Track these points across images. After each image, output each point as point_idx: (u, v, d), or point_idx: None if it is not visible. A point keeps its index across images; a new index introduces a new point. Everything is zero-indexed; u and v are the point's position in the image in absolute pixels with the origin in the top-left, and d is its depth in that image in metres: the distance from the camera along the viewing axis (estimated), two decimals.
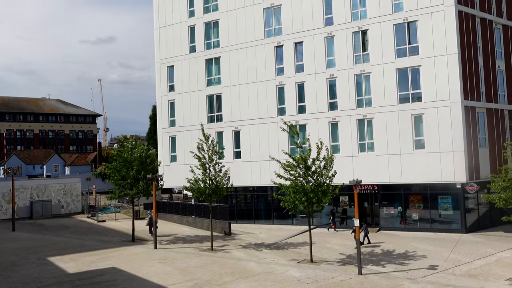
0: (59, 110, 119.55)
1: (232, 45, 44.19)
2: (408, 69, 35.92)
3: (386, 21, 36.77)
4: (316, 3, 39.81)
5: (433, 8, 34.88)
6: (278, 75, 41.74)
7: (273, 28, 42.26)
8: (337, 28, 38.83)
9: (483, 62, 36.81)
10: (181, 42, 47.36)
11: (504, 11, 39.88)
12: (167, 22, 48.45)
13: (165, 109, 48.54)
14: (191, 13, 46.90)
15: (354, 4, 38.35)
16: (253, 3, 43.10)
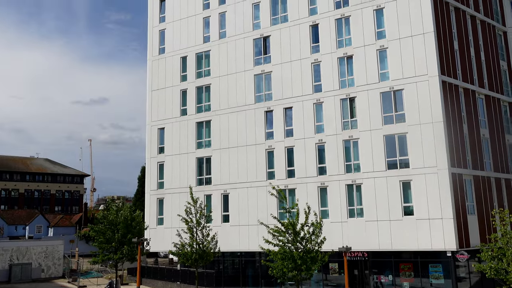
0: (47, 170, 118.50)
1: (223, 109, 44.95)
2: (395, 136, 36.55)
3: (373, 89, 37.88)
4: (305, 70, 41.09)
5: (417, 78, 36.14)
6: (267, 139, 42.19)
7: (263, 94, 43.24)
8: (326, 95, 39.87)
9: (467, 130, 37.67)
10: (172, 105, 48.11)
11: (486, 81, 41.42)
12: (160, 85, 49.46)
13: (154, 171, 48.35)
14: (184, 77, 48.04)
15: (342, 72, 39.64)
16: (244, 69, 44.37)
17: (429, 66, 35.77)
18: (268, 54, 43.51)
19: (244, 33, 44.98)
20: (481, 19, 42.67)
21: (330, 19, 40.60)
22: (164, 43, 50.13)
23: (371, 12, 38.82)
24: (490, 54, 42.82)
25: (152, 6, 51.64)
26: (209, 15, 47.56)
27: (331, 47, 40.18)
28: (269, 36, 43.63)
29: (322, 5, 41.17)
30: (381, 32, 38.38)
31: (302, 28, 41.81)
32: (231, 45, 45.56)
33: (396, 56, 37.22)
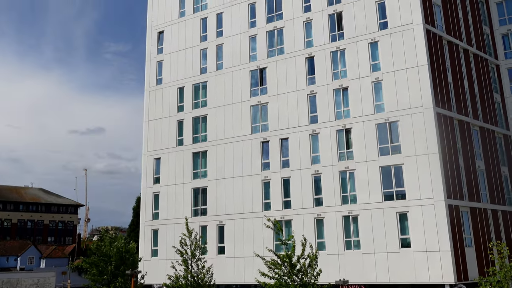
0: (41, 199, 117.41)
1: (219, 140, 45.04)
2: (391, 167, 36.58)
3: (369, 121, 38.14)
4: (301, 101, 41.43)
5: (412, 109, 36.47)
6: (264, 170, 42.12)
7: (260, 124, 43.44)
8: (322, 126, 40.07)
9: (463, 162, 37.77)
10: (169, 135, 48.19)
11: (480, 113, 41.83)
12: (156, 115, 49.66)
13: (149, 202, 47.97)
14: (181, 108, 48.31)
15: (337, 104, 39.99)
16: (240, 100, 44.71)
17: (423, 98, 36.15)
18: (264, 85, 43.96)
19: (241, 64, 45.55)
20: (473, 53, 43.45)
21: (325, 51, 41.24)
22: (161, 74, 50.65)
23: (365, 45, 39.49)
24: (484, 86, 43.41)
25: (150, 38, 52.40)
26: (206, 47, 48.25)
27: (327, 79, 40.66)
28: (265, 68, 44.18)
29: (318, 38, 41.90)
30: (376, 64, 38.95)
31: (298, 60, 42.41)
32: (228, 76, 46.06)
33: (391, 88, 37.66)
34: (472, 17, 44.90)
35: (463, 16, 43.79)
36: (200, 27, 49.14)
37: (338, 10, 41.46)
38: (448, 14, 41.60)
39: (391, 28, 38.65)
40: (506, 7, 47.75)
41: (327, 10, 42.00)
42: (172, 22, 51.15)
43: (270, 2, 45.46)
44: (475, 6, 45.96)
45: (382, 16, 39.44)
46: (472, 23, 44.70)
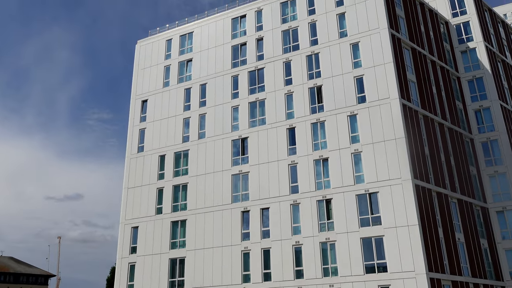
0: (9, 269, 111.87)
1: (199, 209, 44.48)
2: (372, 239, 36.35)
3: (349, 192, 38.37)
4: (282, 172, 41.68)
5: (392, 181, 36.95)
6: (243, 240, 41.38)
7: (241, 194, 43.24)
8: (302, 196, 40.10)
9: (443, 234, 37.81)
10: (148, 203, 47.45)
11: (457, 186, 42.55)
12: (136, 183, 49.16)
13: (124, 273, 46.17)
14: (161, 176, 48.03)
15: (318, 174, 40.34)
16: (222, 169, 44.78)
17: (402, 170, 36.78)
18: (246, 155, 44.32)
19: (223, 134, 46.14)
20: (448, 127, 44.99)
21: (306, 123, 42.22)
22: (143, 141, 50.81)
23: (345, 117, 40.64)
24: (460, 159, 44.53)
25: (134, 106, 53.09)
26: (189, 116, 48.98)
27: (307, 150, 41.29)
28: (247, 138, 44.78)
29: (299, 110, 43.03)
30: (355, 136, 39.87)
31: (280, 131, 43.21)
32: (209, 145, 46.43)
33: (370, 159, 38.33)
34: (445, 93, 46.98)
35: (437, 92, 45.79)
36: (183, 97, 50.18)
37: (318, 84, 43.02)
38: (422, 90, 43.49)
39: (369, 102, 40.06)
40: (476, 84, 50.22)
41: (308, 83, 43.55)
42: (156, 92, 52.17)
43: (253, 74, 47.04)
44: (447, 82, 48.26)
45: (360, 90, 40.99)
46: (446, 99, 46.70)
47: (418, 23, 47.64)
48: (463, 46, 51.97)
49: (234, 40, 49.75)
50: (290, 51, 45.95)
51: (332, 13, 45.09)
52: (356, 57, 42.35)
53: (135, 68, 55.00)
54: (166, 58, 53.40)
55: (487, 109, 48.89)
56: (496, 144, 47.29)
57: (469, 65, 51.18)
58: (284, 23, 47.45)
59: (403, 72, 41.46)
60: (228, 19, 51.14)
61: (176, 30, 54.18)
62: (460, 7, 53.50)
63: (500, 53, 54.45)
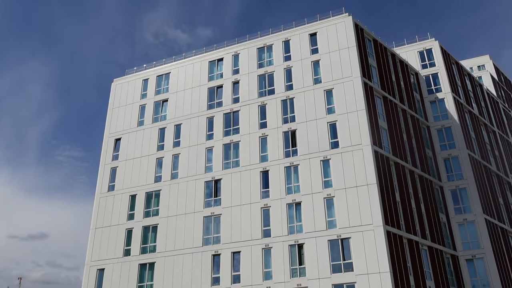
0: None
1: (169, 251, 43.35)
2: (344, 285, 35.92)
3: (321, 237, 38.17)
4: (255, 215, 41.31)
5: (363, 227, 37.01)
6: (213, 285, 40.28)
7: (212, 236, 42.47)
8: (274, 240, 39.65)
9: (414, 282, 37.69)
10: (116, 244, 46.01)
11: (428, 233, 42.90)
12: (104, 223, 47.79)
13: None
14: (131, 216, 46.90)
15: (290, 218, 40.11)
16: (193, 210, 44.10)
17: (373, 216, 36.96)
18: (218, 196, 43.89)
19: (196, 175, 45.76)
20: (419, 174, 45.82)
21: (280, 166, 42.36)
22: (114, 180, 49.86)
23: (318, 162, 40.99)
24: (430, 207, 45.13)
25: (107, 144, 52.39)
26: (162, 156, 48.56)
27: (281, 193, 41.21)
28: (220, 179, 44.50)
29: (273, 153, 43.25)
30: (327, 181, 40.11)
31: (253, 173, 43.15)
32: (182, 186, 45.86)
33: (343, 205, 38.46)
34: (416, 141, 48.15)
35: (408, 140, 46.90)
36: (158, 137, 49.90)
37: (293, 128, 43.54)
38: (394, 137, 44.48)
39: (342, 147, 40.64)
40: (445, 133, 51.74)
41: (282, 127, 44.03)
42: (130, 130, 51.77)
43: (228, 116, 47.34)
44: (418, 131, 49.57)
45: (333, 136, 41.63)
46: (416, 147, 47.80)
47: (390, 73, 49.33)
48: (432, 96, 53.85)
49: (210, 82, 50.31)
50: (266, 95, 46.67)
51: (307, 60, 46.34)
52: (330, 103, 43.27)
53: (110, 106, 54.70)
54: (142, 98, 53.40)
55: (455, 158, 50.17)
56: (464, 192, 48.26)
57: (438, 114, 52.87)
58: (260, 68, 48.42)
59: (375, 119, 42.46)
60: (205, 61, 51.87)
61: (153, 70, 54.53)
62: (429, 59, 55.81)
63: (467, 104, 56.56)
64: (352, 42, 45.09)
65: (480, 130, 56.95)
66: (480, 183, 49.63)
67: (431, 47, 56.18)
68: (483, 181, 50.84)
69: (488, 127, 60.12)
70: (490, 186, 52.03)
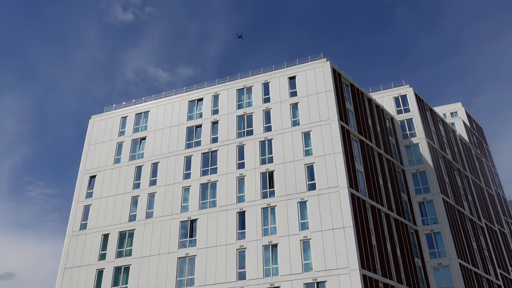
0: None
1: None
2: None
3: (297, 280, 37.61)
4: (230, 256, 40.60)
5: (339, 270, 36.70)
6: None
7: (186, 278, 41.42)
8: (250, 283, 38.88)
9: None
10: (85, 285, 44.35)
11: (403, 277, 42.75)
12: (75, 263, 46.21)
13: None
14: (102, 256, 45.55)
15: (266, 260, 39.55)
16: (168, 251, 43.15)
17: (350, 260, 36.77)
18: (194, 237, 43.16)
19: (172, 214, 45.08)
20: (394, 218, 46.12)
21: (257, 207, 42.14)
22: (87, 218, 48.66)
23: (295, 204, 40.96)
24: (405, 250, 45.20)
25: (81, 181, 51.43)
26: (138, 195, 47.83)
27: (257, 235, 40.79)
28: (196, 220, 43.90)
29: (250, 194, 43.08)
30: (304, 223, 39.99)
31: (230, 214, 42.76)
32: (157, 226, 45.02)
33: (319, 247, 38.22)
34: (391, 185, 48.72)
35: (383, 183, 47.44)
36: (134, 175, 49.30)
37: (270, 169, 43.68)
38: (370, 180, 44.97)
39: (319, 189, 40.82)
40: (420, 178, 52.59)
41: (260, 168, 44.12)
42: (106, 168, 51.09)
43: (206, 156, 47.29)
44: (393, 174, 50.28)
45: (310, 178, 41.86)
46: (392, 190, 48.33)
47: (366, 117, 50.42)
48: (407, 141, 55.05)
49: (189, 121, 50.48)
50: (244, 135, 46.98)
51: (286, 102, 47.13)
52: (308, 145, 43.75)
53: (86, 143, 54.11)
54: (120, 135, 53.07)
55: (430, 202, 50.82)
56: (439, 237, 48.63)
57: (413, 159, 53.90)
58: (240, 109, 48.94)
59: (351, 162, 42.98)
60: (185, 101, 52.22)
61: (132, 108, 54.52)
62: (404, 105, 57.40)
63: (441, 149, 57.92)
64: (330, 86, 46.19)
65: (453, 175, 58.11)
66: (454, 227, 50.17)
67: (406, 93, 57.91)
68: (457, 225, 51.42)
69: (462, 172, 61.41)
70: (464, 231, 52.61)
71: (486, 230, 59.03)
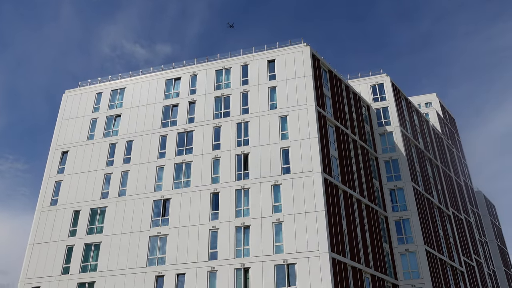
0: None
1: (110, 271, 41.85)
2: None
3: (268, 261, 38.12)
4: (202, 237, 40.77)
5: (310, 253, 37.33)
6: None
7: (157, 257, 41.47)
8: (221, 263, 39.20)
9: None
10: (54, 261, 43.94)
11: (371, 261, 43.81)
12: (44, 238, 45.63)
13: None
14: (73, 232, 45.10)
15: (238, 241, 39.87)
16: (139, 229, 43.01)
17: (320, 243, 37.39)
18: (166, 216, 43.10)
19: (145, 193, 44.83)
20: (365, 203, 47.00)
21: (231, 189, 42.27)
22: (58, 194, 47.94)
23: (269, 187, 41.26)
24: (374, 235, 46.23)
25: (53, 156, 50.51)
26: (111, 172, 47.31)
27: (230, 216, 41.01)
28: (169, 199, 43.80)
29: (224, 176, 43.14)
30: (277, 206, 40.37)
31: (203, 194, 42.79)
32: (129, 204, 44.74)
33: (291, 230, 38.71)
34: (364, 171, 49.52)
35: (357, 170, 48.17)
36: (107, 152, 48.68)
37: (246, 151, 43.77)
38: (343, 166, 45.57)
39: (293, 173, 41.17)
40: (392, 165, 53.59)
41: (235, 150, 44.15)
42: (79, 144, 50.27)
43: (182, 136, 47.00)
44: (367, 161, 51.07)
45: (285, 161, 42.16)
46: (364, 177, 49.14)
47: (343, 104, 50.84)
48: (381, 129, 55.85)
49: (166, 100, 49.96)
50: (221, 117, 46.81)
51: (264, 85, 47.06)
52: (284, 129, 43.94)
53: (59, 118, 53.03)
54: (94, 111, 52.18)
55: (400, 189, 51.93)
56: (408, 223, 49.85)
57: (387, 147, 54.80)
58: (218, 90, 48.66)
59: (326, 148, 43.42)
60: (162, 79, 51.59)
61: (108, 84, 53.56)
62: (380, 94, 58.06)
63: (414, 138, 59.00)
64: (309, 72, 46.30)
65: (425, 164, 59.40)
66: (422, 215, 51.49)
67: (383, 82, 58.54)
68: (426, 213, 52.78)
69: (433, 161, 62.81)
70: (432, 218, 54.07)
71: (453, 219, 60.80)
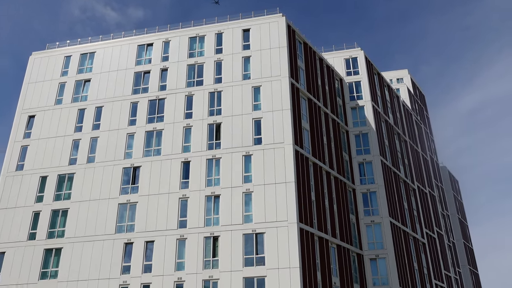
0: None
1: (78, 237, 41.63)
2: (255, 279, 36.67)
3: (236, 230, 38.62)
4: (172, 205, 40.85)
5: (278, 223, 37.98)
6: (123, 273, 39.31)
7: (126, 224, 41.40)
8: (190, 231, 39.49)
9: (321, 277, 39.38)
10: (20, 227, 43.32)
11: (338, 232, 44.96)
12: (9, 204, 44.79)
13: None
14: (39, 198, 44.41)
15: (208, 210, 40.13)
16: (108, 196, 42.70)
17: (289, 213, 38.06)
18: (136, 184, 42.86)
19: (115, 160, 44.32)
20: (334, 176, 47.84)
21: (202, 158, 42.23)
22: (24, 159, 46.88)
23: (240, 157, 41.39)
24: (342, 207, 47.32)
25: (18, 120, 49.08)
26: (79, 138, 46.44)
27: (200, 185, 41.11)
28: (139, 167, 43.46)
29: (196, 144, 42.99)
30: (248, 176, 40.65)
31: (174, 163, 42.63)
32: (98, 171, 44.20)
33: (260, 200, 39.19)
34: (334, 144, 50.19)
35: (327, 142, 48.77)
36: (76, 117, 47.62)
37: (218, 121, 43.57)
38: (314, 139, 46.04)
39: (265, 144, 41.37)
40: (362, 139, 54.48)
41: (207, 119, 43.91)
42: (47, 108, 48.95)
43: (153, 103, 46.33)
44: (337, 134, 51.71)
45: (257, 132, 42.25)
46: (335, 149, 49.85)
47: (316, 76, 50.94)
48: (353, 103, 56.41)
49: (138, 66, 48.91)
50: (194, 85, 46.27)
51: (238, 55, 46.56)
52: (257, 100, 43.84)
53: (26, 81, 51.31)
54: (62, 75, 50.68)
55: (369, 163, 53.01)
56: (374, 196, 51.16)
57: (357, 121, 55.52)
58: (191, 58, 47.89)
59: (298, 120, 43.67)
60: (134, 44, 50.33)
61: (77, 48, 51.94)
62: (354, 67, 58.37)
63: (384, 113, 59.91)
64: (284, 43, 45.98)
65: (393, 139, 60.61)
66: (389, 188, 52.86)
67: (357, 56, 58.78)
68: (392, 186, 54.20)
69: (401, 136, 64.13)
70: (397, 192, 55.61)
71: (417, 192, 62.68)
